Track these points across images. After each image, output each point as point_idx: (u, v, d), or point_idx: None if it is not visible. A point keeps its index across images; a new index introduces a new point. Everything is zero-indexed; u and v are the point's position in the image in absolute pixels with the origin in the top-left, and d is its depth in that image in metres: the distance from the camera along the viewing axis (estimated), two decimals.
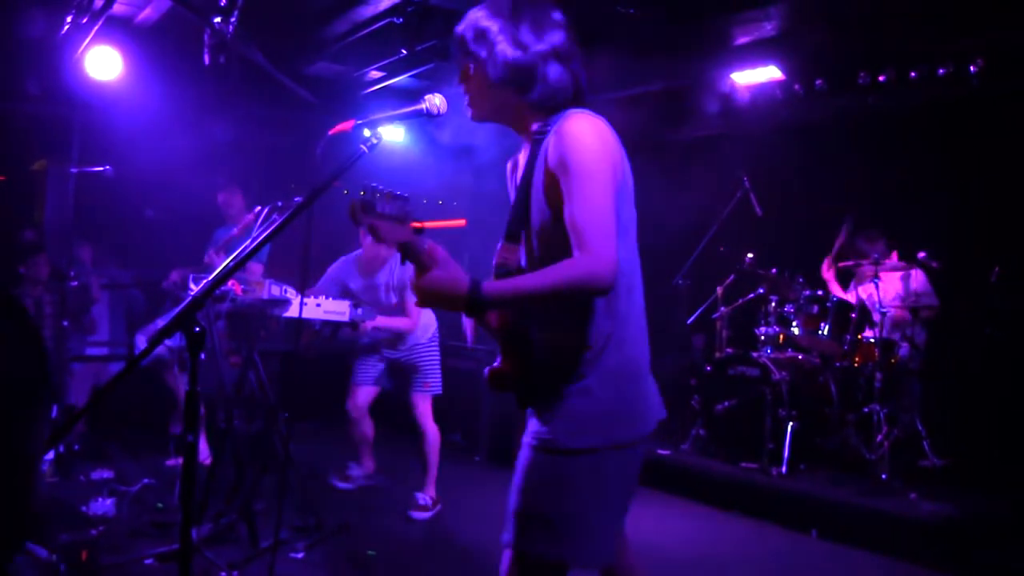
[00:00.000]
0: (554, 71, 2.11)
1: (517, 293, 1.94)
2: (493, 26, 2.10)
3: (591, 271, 1.89)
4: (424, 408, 5.25)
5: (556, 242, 2.02)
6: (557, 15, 2.16)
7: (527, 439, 2.14)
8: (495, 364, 2.17)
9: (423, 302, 1.98)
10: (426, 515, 5.14)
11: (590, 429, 2.05)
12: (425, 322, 5.30)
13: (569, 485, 2.05)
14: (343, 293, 5.27)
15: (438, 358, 5.37)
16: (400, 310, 5.20)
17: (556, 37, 2.12)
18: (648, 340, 2.21)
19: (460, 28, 2.17)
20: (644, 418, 2.15)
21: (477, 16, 2.14)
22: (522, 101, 2.14)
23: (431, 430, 5.24)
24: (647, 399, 2.17)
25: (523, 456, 2.14)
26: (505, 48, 2.09)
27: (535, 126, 2.15)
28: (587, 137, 1.99)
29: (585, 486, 2.05)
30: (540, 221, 2.10)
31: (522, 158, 2.23)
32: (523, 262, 2.20)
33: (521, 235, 2.18)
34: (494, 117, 2.23)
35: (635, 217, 2.14)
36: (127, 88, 6.19)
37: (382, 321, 5.04)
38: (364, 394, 5.34)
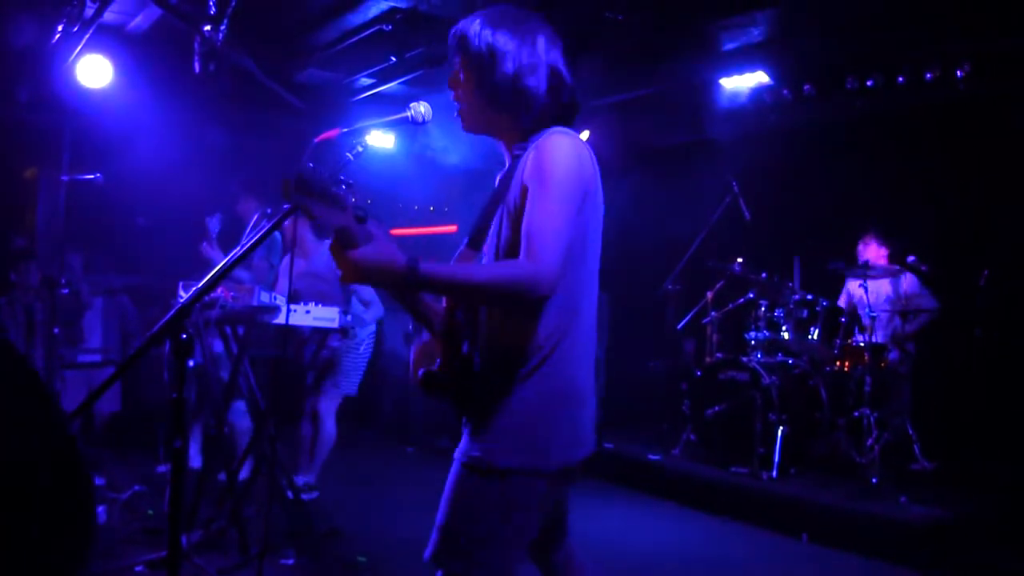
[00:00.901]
0: (549, 87, 2.12)
1: (454, 279, 1.90)
2: (492, 36, 2.10)
3: (529, 275, 1.87)
4: (328, 403, 5.30)
5: (513, 251, 2.02)
6: (551, 34, 2.17)
7: (457, 454, 2.10)
8: (433, 367, 2.12)
9: (352, 277, 1.87)
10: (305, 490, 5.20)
11: (517, 450, 2.01)
12: (365, 329, 5.37)
13: (486, 505, 2.01)
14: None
15: (363, 365, 5.41)
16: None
17: (552, 56, 2.13)
18: (593, 367, 2.16)
19: (459, 31, 2.15)
20: (569, 446, 2.07)
21: (477, 23, 2.13)
22: (513, 114, 2.13)
23: (329, 425, 5.29)
24: (580, 429, 2.09)
25: (451, 471, 2.11)
26: (504, 60, 2.09)
27: (518, 140, 2.15)
28: (562, 154, 1.99)
29: (501, 508, 2.01)
30: (503, 232, 2.09)
31: (502, 173, 2.22)
32: None
33: (483, 243, 2.16)
34: (484, 130, 2.22)
35: (599, 244, 2.13)
36: (118, 96, 6.19)
37: (369, 317, 5.17)
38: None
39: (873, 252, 6.24)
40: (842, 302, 6.58)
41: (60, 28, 5.50)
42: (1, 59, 6.10)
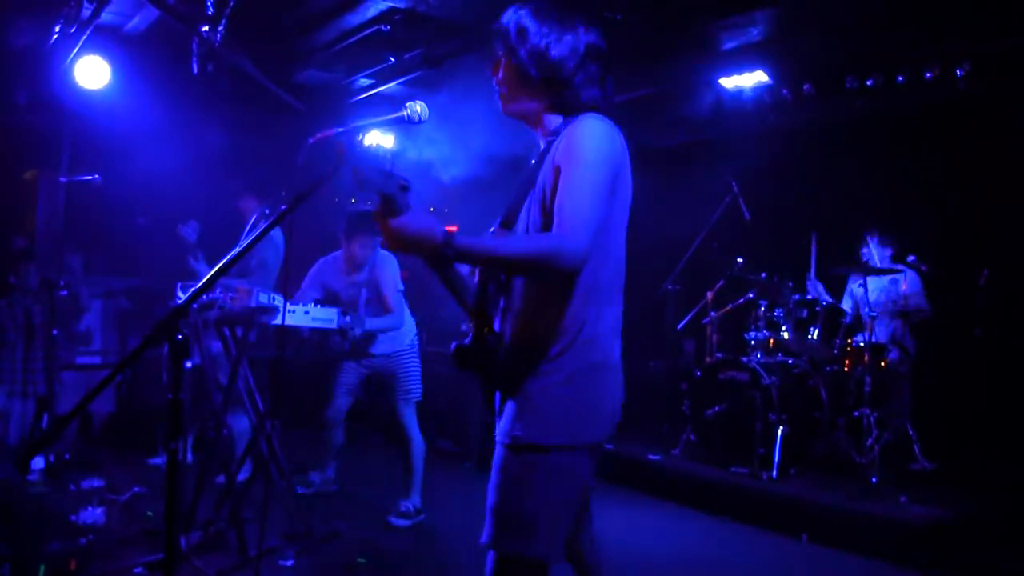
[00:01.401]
0: (586, 76, 2.22)
1: (487, 251, 2.00)
2: (534, 26, 2.20)
3: (560, 247, 1.95)
4: (408, 416, 5.23)
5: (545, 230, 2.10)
6: (590, 25, 2.26)
7: (498, 437, 2.18)
8: (465, 342, 2.19)
9: (391, 244, 2.00)
10: (407, 523, 5.11)
11: (556, 428, 2.09)
12: (405, 328, 5.30)
13: (535, 482, 2.09)
14: (325, 293, 5.29)
15: (418, 364, 5.36)
16: (378, 308, 5.20)
17: (592, 45, 2.23)
18: (621, 346, 2.24)
19: (502, 22, 2.25)
20: (605, 421, 2.18)
21: (520, 14, 2.23)
22: (551, 100, 2.24)
23: (416, 438, 5.21)
24: (612, 402, 2.20)
25: (496, 454, 2.19)
26: (545, 48, 2.18)
27: (553, 125, 2.24)
28: (595, 135, 2.08)
29: (550, 483, 2.09)
30: (533, 213, 2.17)
31: (535, 156, 2.31)
32: None
33: (514, 224, 2.24)
34: (521, 112, 2.30)
35: (625, 228, 2.21)
36: (116, 97, 6.19)
37: (371, 324, 5.05)
38: (340, 402, 5.34)
39: (877, 254, 6.23)
40: (845, 303, 6.57)
41: (57, 29, 5.49)
42: None
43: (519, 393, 2.13)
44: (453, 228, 2.00)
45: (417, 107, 2.29)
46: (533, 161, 2.29)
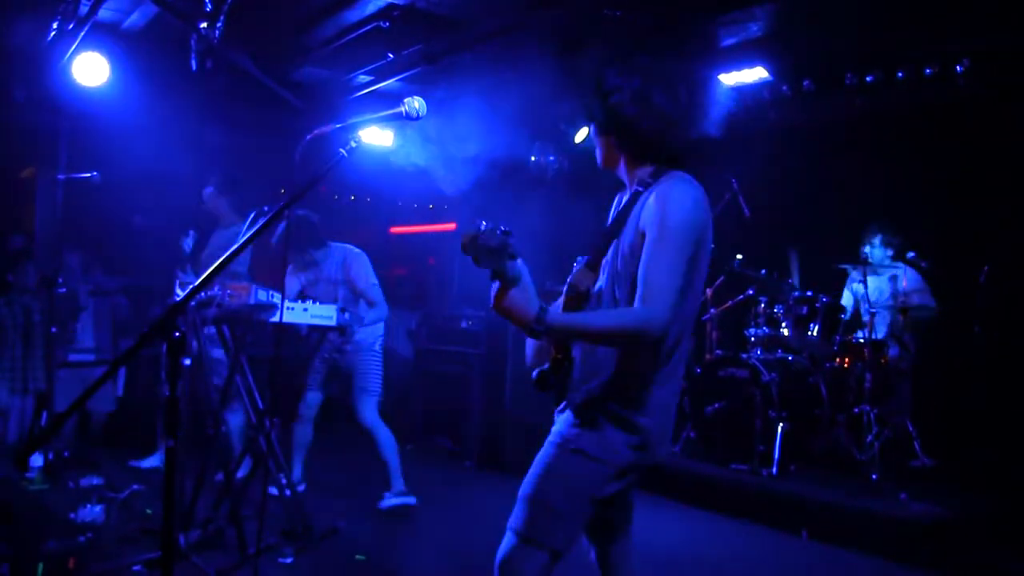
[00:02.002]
0: (672, 137, 2.31)
1: (575, 327, 2.19)
2: (626, 84, 2.28)
3: (645, 325, 2.10)
4: (367, 410, 5.26)
5: (623, 285, 2.24)
6: (691, 79, 2.35)
7: (554, 439, 2.32)
8: (545, 367, 2.31)
9: (498, 312, 2.17)
10: (396, 501, 5.22)
11: (621, 451, 2.25)
12: (375, 327, 5.36)
13: (582, 486, 2.25)
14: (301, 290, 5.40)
15: (380, 362, 5.38)
16: (354, 305, 5.27)
17: (680, 106, 2.30)
18: (680, 387, 2.40)
19: (600, 79, 2.34)
20: (653, 454, 2.32)
21: (614, 73, 2.31)
22: (640, 158, 2.35)
23: (381, 431, 5.26)
24: (661, 439, 2.33)
25: (546, 451, 2.33)
26: (638, 113, 2.26)
27: (640, 174, 2.34)
28: (685, 206, 2.18)
29: (594, 491, 2.26)
30: (618, 265, 2.28)
31: (622, 202, 2.40)
32: (593, 289, 2.37)
33: (599, 266, 2.35)
34: (615, 167, 2.43)
35: (705, 276, 2.33)
36: (114, 94, 6.17)
37: (368, 318, 5.14)
38: (312, 397, 5.42)
39: (879, 254, 6.22)
40: (845, 300, 6.57)
41: (55, 26, 5.48)
42: None
43: (593, 416, 2.25)
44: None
45: (415, 103, 2.28)
46: (618, 206, 2.41)
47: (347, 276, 5.26)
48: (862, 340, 5.94)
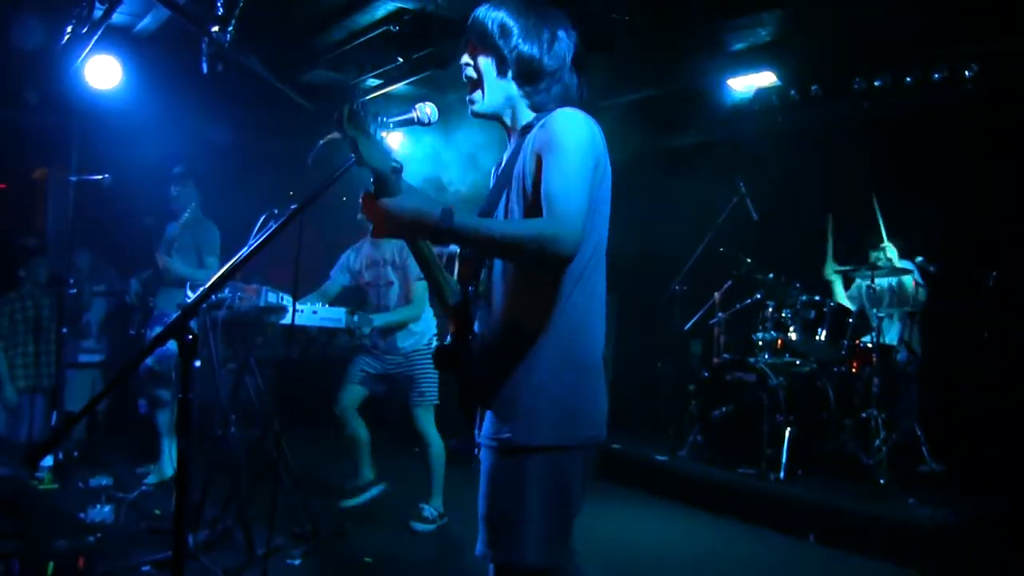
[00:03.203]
0: (565, 74, 2.20)
1: (485, 230, 1.95)
2: (516, 24, 2.17)
3: (556, 233, 1.89)
4: (425, 420, 5.12)
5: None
6: (564, 19, 2.24)
7: (483, 440, 2.14)
8: (445, 342, 2.17)
9: (385, 227, 1.94)
10: (429, 527, 5.05)
11: (547, 427, 2.03)
12: (423, 328, 5.17)
13: (528, 487, 2.03)
14: (351, 277, 5.26)
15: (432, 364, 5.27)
16: (399, 295, 5.13)
17: (570, 43, 2.21)
18: (604, 342, 2.19)
19: (480, 19, 2.20)
20: (598, 419, 2.13)
21: (498, 12, 2.19)
22: (528, 97, 2.20)
23: (434, 441, 5.11)
24: (602, 402, 2.15)
25: (483, 458, 2.14)
26: (527, 45, 2.15)
27: (525, 122, 2.19)
28: (577, 124, 2.04)
29: (543, 487, 2.03)
30: (514, 205, 2.12)
31: (507, 154, 2.26)
32: None
33: (493, 218, 2.18)
34: (495, 111, 2.25)
35: (607, 219, 2.16)
36: (126, 96, 6.21)
37: (383, 319, 4.98)
38: (351, 394, 5.17)
39: (883, 252, 6.21)
40: (853, 304, 6.56)
41: (69, 30, 5.52)
42: (11, 61, 6.13)
43: (505, 393, 2.07)
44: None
45: (427, 108, 2.28)
46: (503, 162, 2.25)
47: (404, 263, 5.07)
48: (870, 344, 5.93)
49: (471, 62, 2.23)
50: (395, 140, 7.49)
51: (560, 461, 2.05)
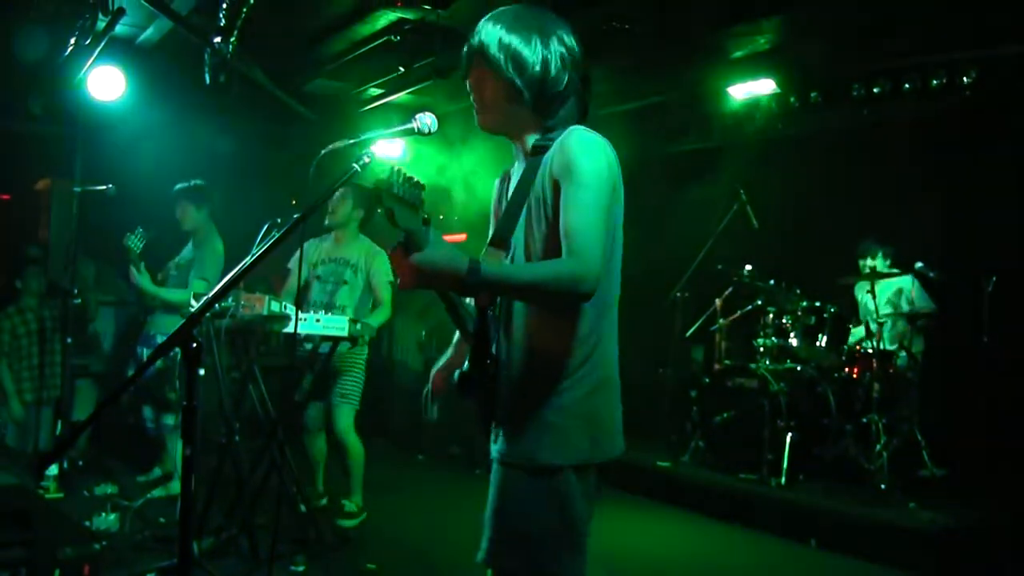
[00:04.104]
0: (569, 87, 2.16)
1: (511, 278, 1.99)
2: (518, 40, 2.12)
3: (579, 273, 1.92)
4: (342, 419, 5.10)
5: (545, 251, 2.07)
6: (568, 30, 2.19)
7: (499, 456, 2.13)
8: (465, 368, 2.16)
9: (414, 280, 1.91)
10: (353, 523, 5.12)
11: (575, 447, 2.06)
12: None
13: (540, 505, 2.05)
14: (309, 274, 5.28)
15: (363, 370, 5.21)
16: (364, 297, 5.19)
17: (572, 54, 2.16)
18: (618, 365, 2.21)
19: (489, 46, 2.15)
20: (617, 438, 2.17)
21: (499, 29, 2.15)
22: (535, 117, 2.17)
23: (352, 444, 5.12)
24: (618, 421, 2.18)
25: (497, 474, 2.13)
26: (538, 73, 2.12)
27: (534, 139, 2.18)
28: (596, 153, 2.04)
29: (572, 502, 2.06)
30: (533, 229, 2.12)
31: (516, 170, 2.26)
32: None
33: (509, 243, 2.17)
34: (501, 129, 2.24)
35: (621, 242, 2.17)
36: (129, 107, 6.25)
37: (375, 321, 5.04)
38: (314, 408, 5.23)
39: (879, 260, 6.24)
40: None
41: (72, 41, 5.56)
42: (15, 72, 6.17)
43: (532, 413, 2.07)
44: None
45: (427, 119, 2.31)
46: (516, 178, 2.22)
47: (369, 267, 5.14)
48: (870, 350, 5.95)
49: (479, 87, 2.20)
50: (396, 147, 7.56)
51: (583, 477, 2.09)
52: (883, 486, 5.41)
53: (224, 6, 5.17)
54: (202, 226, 5.72)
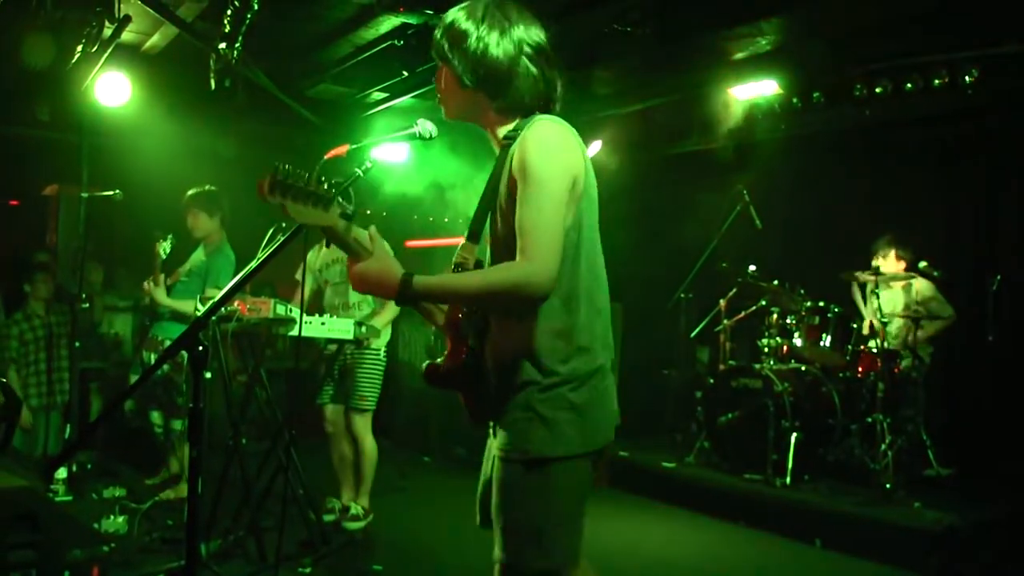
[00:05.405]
0: (525, 75, 2.14)
1: (448, 289, 2.03)
2: (468, 28, 2.13)
3: (528, 276, 1.93)
4: (361, 425, 5.11)
5: (509, 245, 2.05)
6: (533, 20, 2.19)
7: (502, 452, 2.15)
8: (436, 361, 2.21)
9: (357, 287, 2.04)
10: (359, 525, 5.10)
11: (568, 438, 2.07)
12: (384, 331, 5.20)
13: (550, 494, 2.08)
14: (314, 277, 5.30)
15: (381, 372, 5.19)
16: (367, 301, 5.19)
17: (530, 41, 2.14)
18: (612, 347, 2.22)
19: (437, 30, 2.20)
20: (610, 425, 2.19)
21: (454, 18, 2.17)
22: (492, 104, 2.17)
23: (368, 444, 5.11)
24: (610, 404, 2.19)
25: (498, 470, 2.16)
26: (478, 51, 2.11)
27: (503, 130, 2.18)
28: (549, 146, 2.03)
29: (563, 494, 2.09)
30: (498, 223, 2.14)
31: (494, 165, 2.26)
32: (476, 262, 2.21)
33: (480, 236, 2.19)
34: (466, 117, 2.26)
35: (597, 225, 2.16)
36: (136, 113, 6.30)
37: (380, 321, 5.04)
38: (330, 413, 5.22)
39: (891, 260, 6.24)
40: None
41: (79, 48, 5.60)
42: (23, 80, 6.22)
43: (522, 406, 2.09)
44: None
45: (427, 124, 2.35)
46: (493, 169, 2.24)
47: None
48: (875, 349, 5.96)
49: (438, 75, 2.25)
50: (400, 151, 7.58)
51: (579, 467, 2.11)
52: (888, 486, 5.41)
53: (228, 12, 5.21)
54: (214, 233, 5.72)
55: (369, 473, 5.19)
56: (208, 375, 2.70)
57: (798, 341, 6.28)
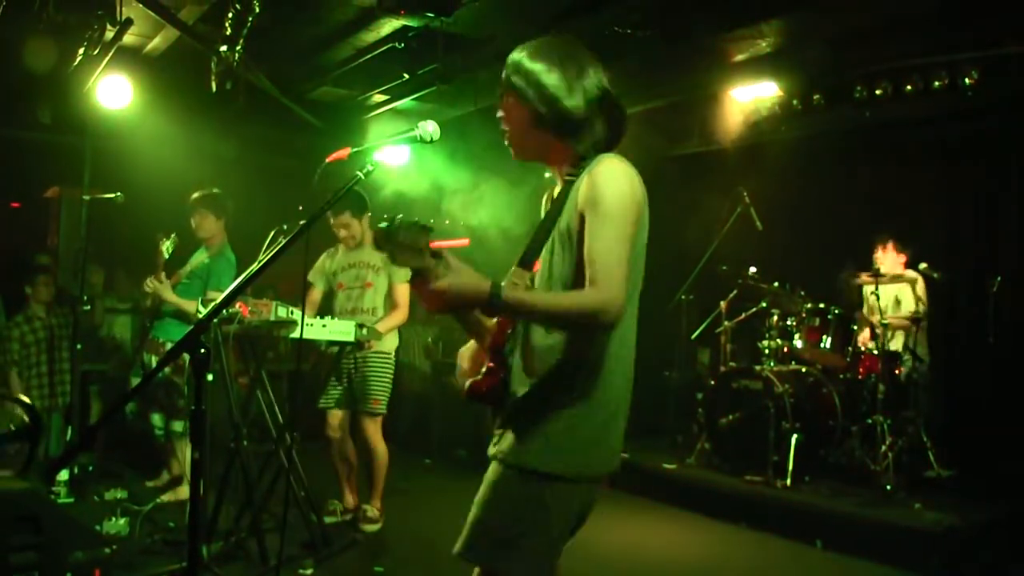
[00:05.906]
0: (599, 119, 2.19)
1: (531, 305, 2.06)
2: (543, 70, 2.16)
3: (601, 305, 1.99)
4: (372, 429, 5.16)
5: (566, 278, 2.13)
6: (598, 64, 2.23)
7: (500, 456, 2.18)
8: (478, 379, 2.23)
9: (438, 307, 2.03)
10: (376, 526, 5.17)
11: (566, 457, 2.12)
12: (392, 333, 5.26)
13: (536, 509, 2.11)
14: (327, 282, 5.34)
15: (391, 376, 5.24)
16: (375, 298, 5.22)
17: (600, 85, 2.19)
18: (632, 380, 2.26)
19: (515, 74, 2.20)
20: (615, 454, 2.23)
21: (524, 57, 2.19)
22: (564, 144, 2.20)
23: (380, 448, 5.17)
24: (617, 440, 2.24)
25: (492, 470, 2.20)
26: (555, 94, 2.14)
27: (568, 166, 2.22)
28: (621, 183, 2.09)
29: (549, 511, 2.12)
30: (556, 255, 2.18)
31: (555, 192, 2.30)
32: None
33: (532, 266, 2.23)
34: (533, 156, 2.30)
35: (643, 270, 2.22)
36: (137, 116, 6.31)
37: (384, 326, 5.07)
38: (334, 417, 5.25)
39: (891, 260, 6.24)
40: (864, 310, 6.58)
41: (81, 51, 5.62)
42: (25, 82, 6.24)
43: (537, 422, 2.14)
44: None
45: (429, 126, 2.37)
46: (551, 200, 2.29)
47: (390, 268, 5.15)
48: (875, 351, 5.96)
49: (507, 114, 2.25)
50: (401, 154, 7.60)
51: (573, 492, 2.16)
52: (889, 487, 5.42)
53: (230, 15, 5.22)
54: (217, 235, 5.73)
55: (381, 476, 5.22)
56: (210, 377, 2.71)
57: (799, 342, 6.29)
